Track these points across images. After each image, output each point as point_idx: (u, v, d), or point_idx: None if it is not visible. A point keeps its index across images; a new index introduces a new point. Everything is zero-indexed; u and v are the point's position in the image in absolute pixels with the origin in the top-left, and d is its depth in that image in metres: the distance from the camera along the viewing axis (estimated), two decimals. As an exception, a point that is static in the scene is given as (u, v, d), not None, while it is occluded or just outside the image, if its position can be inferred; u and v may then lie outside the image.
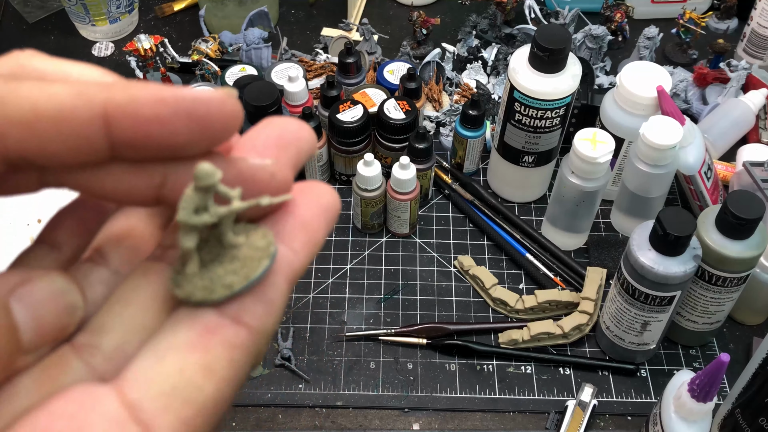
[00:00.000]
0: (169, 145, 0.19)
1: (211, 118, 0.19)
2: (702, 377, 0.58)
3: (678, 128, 0.73)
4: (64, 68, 0.22)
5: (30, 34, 1.11)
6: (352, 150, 0.86)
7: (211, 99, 0.19)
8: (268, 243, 0.20)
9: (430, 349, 0.77)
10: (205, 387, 0.18)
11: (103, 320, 0.20)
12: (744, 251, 0.65)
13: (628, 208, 0.83)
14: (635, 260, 0.65)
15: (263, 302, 0.19)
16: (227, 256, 0.20)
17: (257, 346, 0.19)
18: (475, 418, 0.73)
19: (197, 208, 0.19)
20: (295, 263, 0.21)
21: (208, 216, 0.19)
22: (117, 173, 0.20)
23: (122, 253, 0.23)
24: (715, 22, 1.09)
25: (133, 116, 0.18)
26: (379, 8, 1.14)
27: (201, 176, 0.19)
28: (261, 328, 0.19)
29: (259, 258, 0.20)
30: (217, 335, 0.18)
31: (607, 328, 0.74)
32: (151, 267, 0.21)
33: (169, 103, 0.18)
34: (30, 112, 0.18)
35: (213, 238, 0.20)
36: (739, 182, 0.83)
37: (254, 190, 0.20)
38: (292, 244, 0.21)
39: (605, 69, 1.00)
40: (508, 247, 0.85)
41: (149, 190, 0.20)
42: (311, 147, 0.23)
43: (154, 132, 0.19)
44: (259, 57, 0.97)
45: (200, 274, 0.20)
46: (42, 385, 0.18)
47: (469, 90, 0.97)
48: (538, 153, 0.83)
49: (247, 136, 0.22)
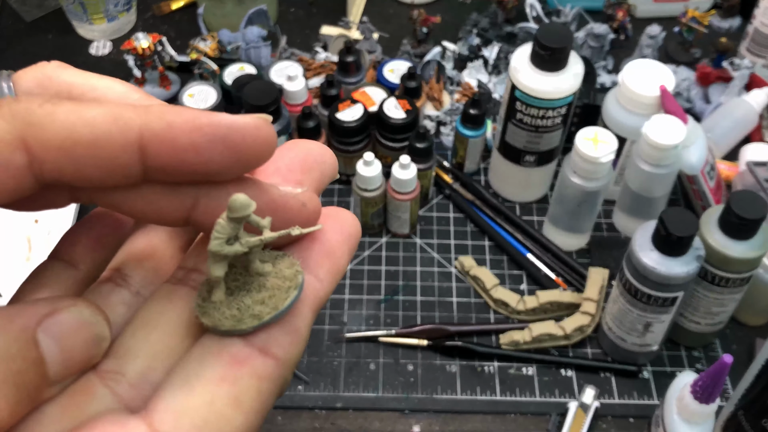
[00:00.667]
0: (203, 171, 0.19)
1: (245, 146, 0.19)
2: (705, 378, 0.57)
3: (681, 128, 0.73)
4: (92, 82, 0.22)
5: (27, 32, 1.11)
6: (352, 149, 0.86)
7: (246, 126, 0.19)
8: (296, 272, 0.20)
9: (430, 351, 0.76)
10: (235, 419, 0.18)
11: (128, 345, 0.20)
12: (747, 251, 0.65)
13: (631, 208, 0.82)
14: (637, 261, 0.65)
15: (290, 333, 0.19)
16: (255, 284, 0.20)
17: (284, 376, 0.19)
18: (476, 420, 0.72)
19: (229, 238, 0.19)
20: (320, 292, 0.21)
21: (239, 246, 0.19)
22: (150, 194, 0.20)
23: (143, 274, 0.23)
24: (717, 21, 1.08)
25: (169, 144, 0.18)
26: (379, 6, 1.13)
27: (236, 208, 0.19)
28: (288, 358, 0.19)
29: (287, 288, 0.20)
30: (246, 366, 0.18)
31: (609, 329, 0.73)
32: (174, 291, 0.21)
33: (205, 131, 0.18)
34: (67, 139, 0.18)
35: (239, 264, 0.20)
36: (743, 182, 0.82)
37: (285, 218, 0.21)
38: (318, 272, 0.21)
39: (607, 68, 1.00)
40: (509, 247, 0.84)
41: (180, 211, 0.20)
42: (333, 170, 0.23)
43: (188, 159, 0.19)
44: (258, 56, 0.97)
45: (227, 302, 0.20)
46: (69, 414, 0.18)
47: (470, 89, 0.96)
48: (540, 152, 0.82)
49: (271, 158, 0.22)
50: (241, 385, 0.18)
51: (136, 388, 0.19)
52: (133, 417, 0.18)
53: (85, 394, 0.19)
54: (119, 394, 0.19)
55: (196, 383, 0.18)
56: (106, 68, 1.05)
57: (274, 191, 0.21)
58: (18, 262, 0.82)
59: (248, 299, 0.20)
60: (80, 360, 0.18)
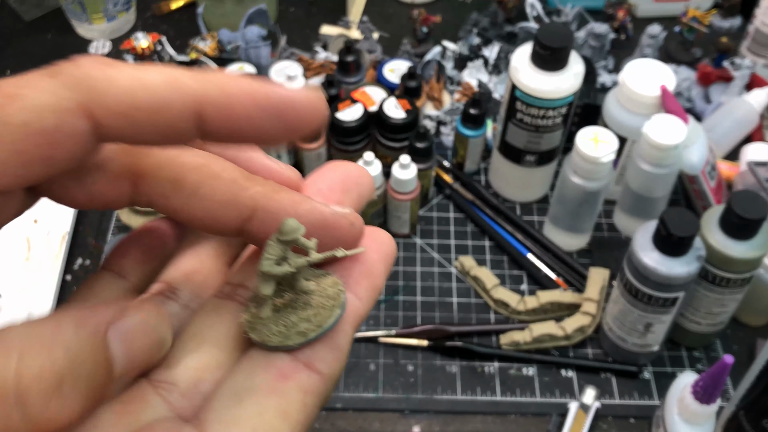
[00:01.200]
0: (256, 138, 0.20)
1: (297, 117, 0.20)
2: (705, 379, 0.57)
3: (681, 127, 0.73)
4: None
5: (27, 32, 1.10)
6: (352, 149, 0.86)
7: (299, 99, 0.20)
8: (339, 291, 0.21)
9: (430, 351, 0.76)
10: (282, 430, 0.19)
11: (179, 356, 0.20)
12: (748, 252, 0.65)
13: (631, 208, 0.82)
14: (638, 261, 0.65)
15: (333, 349, 0.21)
16: (300, 302, 0.21)
17: (327, 390, 0.20)
18: (476, 421, 0.72)
19: (278, 259, 0.20)
20: (360, 310, 0.22)
21: (288, 266, 0.21)
22: (210, 204, 0.21)
23: (191, 288, 0.24)
24: (718, 21, 1.08)
25: (225, 112, 0.19)
26: (379, 6, 1.13)
27: (287, 231, 0.20)
28: (330, 373, 0.20)
29: (331, 306, 0.21)
30: (292, 380, 0.19)
31: (609, 329, 0.73)
32: (222, 305, 0.22)
33: (261, 103, 0.19)
34: (128, 104, 0.18)
35: (285, 282, 0.22)
36: (743, 182, 0.82)
37: (335, 237, 0.22)
38: (358, 291, 0.22)
39: (608, 67, 1.00)
40: (509, 247, 0.84)
41: (236, 221, 0.21)
42: (371, 191, 0.24)
43: (243, 127, 0.19)
44: (258, 55, 0.97)
45: (274, 318, 0.21)
46: (125, 421, 0.19)
47: (470, 89, 0.96)
48: (540, 152, 0.82)
49: (311, 179, 0.23)
50: (288, 398, 0.19)
51: (187, 398, 0.20)
52: (187, 425, 0.18)
53: (139, 401, 0.19)
54: (171, 403, 0.19)
55: (245, 395, 0.19)
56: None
57: (327, 210, 0.22)
58: (17, 263, 0.82)
59: (294, 316, 0.21)
60: (142, 362, 0.19)
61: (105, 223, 0.87)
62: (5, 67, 1.06)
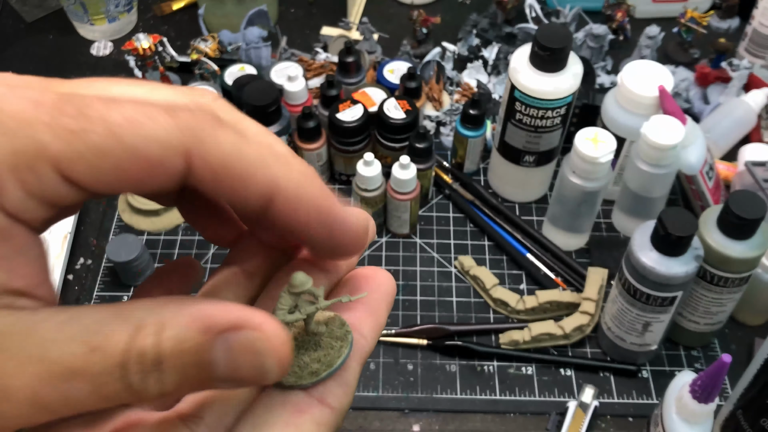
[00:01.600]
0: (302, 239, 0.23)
1: (345, 239, 0.23)
2: (704, 378, 0.57)
3: (679, 128, 0.73)
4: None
5: (28, 33, 1.11)
6: (352, 150, 0.86)
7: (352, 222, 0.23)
8: (346, 332, 0.23)
9: (430, 350, 0.77)
10: None
11: (204, 393, 0.22)
12: (746, 251, 0.65)
13: (630, 208, 0.82)
14: (636, 260, 0.65)
15: (342, 385, 0.23)
16: (311, 343, 0.23)
17: (337, 422, 0.22)
18: (476, 420, 0.72)
19: (291, 308, 0.23)
20: (365, 348, 0.24)
21: (299, 314, 0.23)
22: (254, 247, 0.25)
23: None
24: (716, 21, 1.09)
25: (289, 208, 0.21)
26: (379, 7, 1.13)
27: (297, 285, 0.22)
28: (340, 407, 0.23)
29: (339, 347, 0.23)
30: (307, 414, 0.22)
31: (608, 328, 0.74)
32: None
33: (321, 215, 0.22)
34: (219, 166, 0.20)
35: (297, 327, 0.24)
36: (741, 182, 0.82)
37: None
38: (363, 330, 0.24)
39: (606, 68, 1.00)
40: (508, 247, 0.84)
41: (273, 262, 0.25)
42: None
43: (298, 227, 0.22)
44: (259, 56, 0.97)
45: None
46: None
47: (470, 89, 0.96)
48: (539, 153, 0.82)
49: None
50: (303, 430, 0.21)
51: (212, 430, 0.21)
52: None
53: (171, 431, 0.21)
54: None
55: (264, 428, 0.21)
56: (107, 69, 1.05)
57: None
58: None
59: (306, 357, 0.23)
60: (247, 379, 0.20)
61: (106, 223, 0.87)
62: (7, 68, 1.06)
